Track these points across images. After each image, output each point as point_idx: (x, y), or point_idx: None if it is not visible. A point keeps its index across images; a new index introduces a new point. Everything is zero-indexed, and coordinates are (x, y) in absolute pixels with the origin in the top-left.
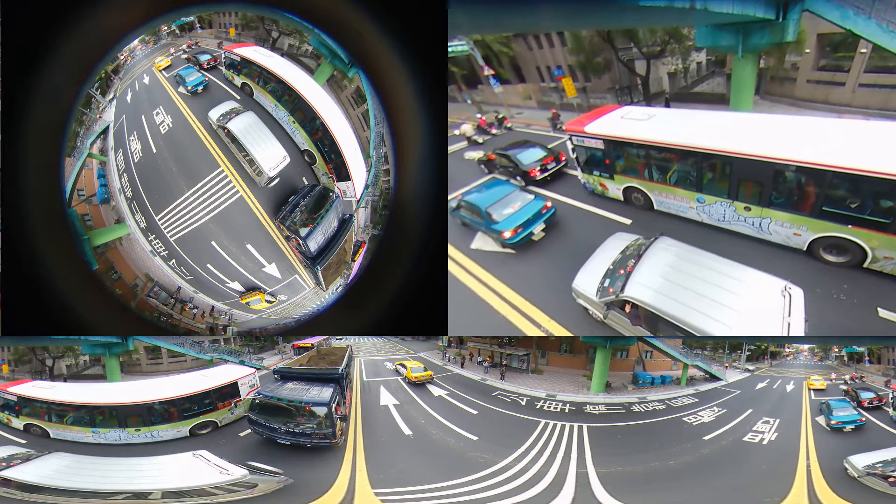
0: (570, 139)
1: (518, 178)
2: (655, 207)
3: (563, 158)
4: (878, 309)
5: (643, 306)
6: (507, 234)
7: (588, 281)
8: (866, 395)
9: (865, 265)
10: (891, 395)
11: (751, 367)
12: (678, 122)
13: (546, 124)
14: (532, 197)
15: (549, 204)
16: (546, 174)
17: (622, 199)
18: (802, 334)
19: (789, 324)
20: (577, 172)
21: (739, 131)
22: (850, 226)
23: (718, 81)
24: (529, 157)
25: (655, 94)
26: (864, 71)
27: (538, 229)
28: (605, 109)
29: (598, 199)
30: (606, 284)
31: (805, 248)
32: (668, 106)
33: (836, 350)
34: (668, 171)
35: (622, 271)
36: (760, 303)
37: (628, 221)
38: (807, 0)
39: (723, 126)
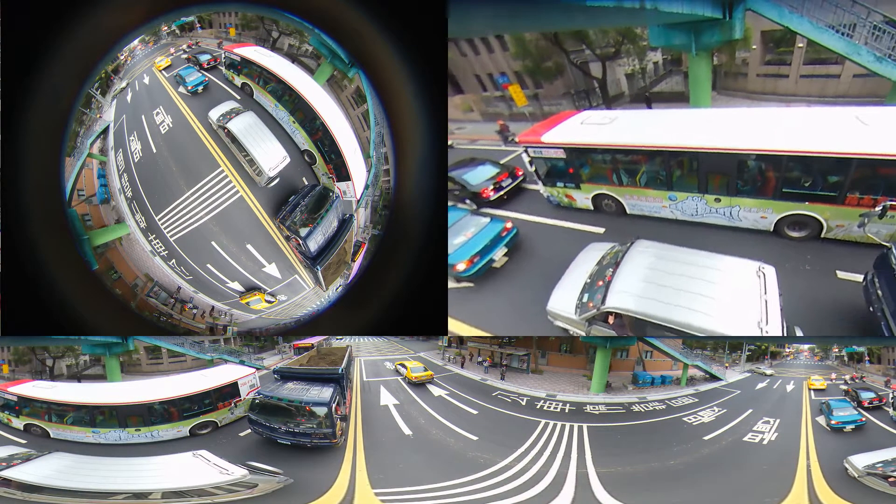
0: (527, 151)
1: (467, 201)
2: (628, 212)
3: (521, 173)
4: (837, 272)
5: (627, 314)
6: (461, 267)
7: (564, 300)
8: (866, 395)
9: (823, 235)
10: (891, 395)
11: (768, 372)
12: (641, 122)
13: (494, 137)
14: (487, 220)
15: (509, 225)
16: (502, 192)
17: (592, 207)
18: (779, 309)
19: (766, 301)
20: (539, 186)
21: (702, 127)
22: (806, 203)
23: (677, 80)
24: (479, 177)
25: (615, 96)
26: (803, 63)
27: (499, 255)
28: (562, 116)
29: (566, 211)
30: (585, 300)
31: (772, 229)
32: (649, 107)
33: (836, 350)
34: (637, 173)
35: (601, 283)
36: (738, 286)
37: (601, 230)
38: (749, 0)
39: (686, 123)
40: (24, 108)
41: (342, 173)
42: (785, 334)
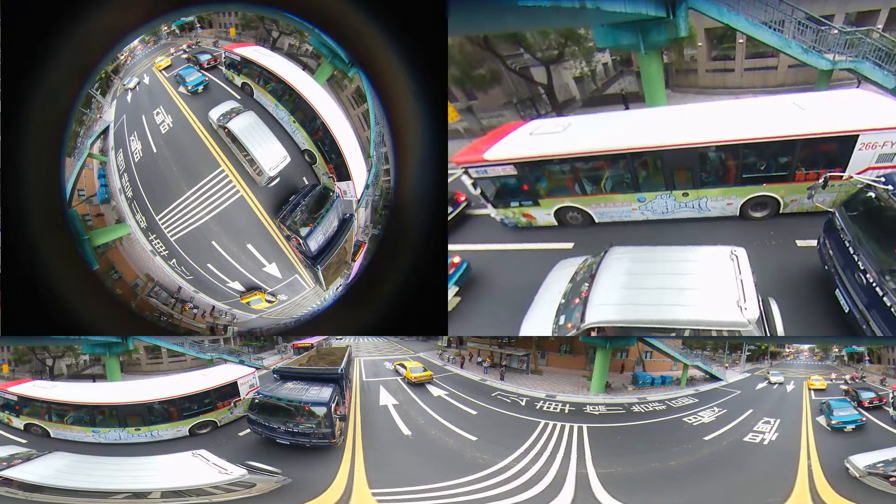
0: (467, 173)
1: None
2: (597, 221)
3: (462, 199)
4: (796, 241)
5: (610, 326)
6: None
7: (537, 326)
8: (867, 395)
9: (781, 211)
10: (891, 395)
11: (774, 378)
12: (597, 126)
13: None
14: None
15: (456, 260)
16: None
17: (556, 223)
18: (753, 286)
19: (742, 280)
20: (488, 210)
21: (660, 125)
22: (764, 184)
23: (629, 80)
24: None
25: (566, 101)
26: (746, 57)
27: (450, 296)
28: (505, 129)
29: (526, 232)
30: (563, 321)
31: (738, 213)
32: (627, 108)
33: (836, 350)
34: (600, 179)
35: (577, 300)
36: (714, 272)
37: (570, 245)
38: None
39: (644, 122)
40: (24, 108)
41: (342, 173)
42: (761, 310)
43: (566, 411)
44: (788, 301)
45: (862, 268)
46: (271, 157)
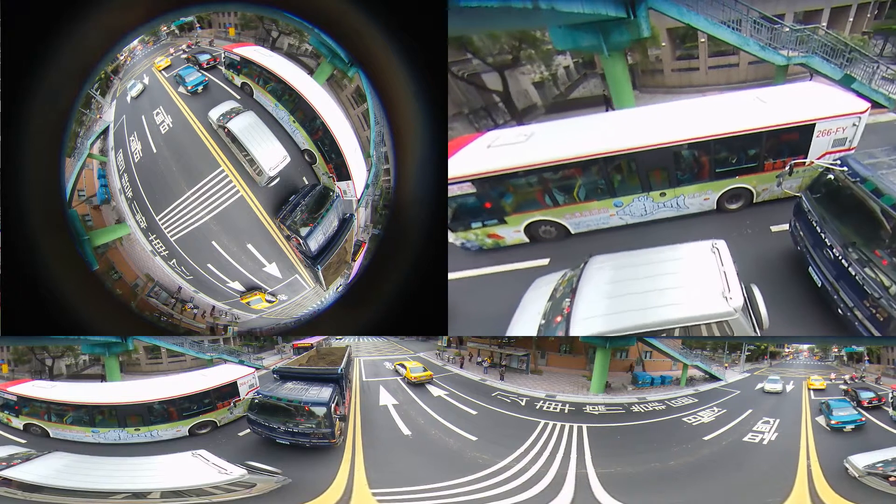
0: None
1: None
2: (573, 232)
3: None
4: (771, 227)
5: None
6: None
7: None
8: (866, 395)
9: (755, 201)
10: (890, 395)
11: (774, 388)
12: (564, 133)
13: None
14: None
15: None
16: None
17: (527, 239)
18: (736, 275)
19: (725, 272)
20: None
21: (632, 127)
22: (737, 177)
23: (595, 83)
24: None
25: (526, 109)
26: (709, 56)
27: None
28: (457, 143)
29: (493, 254)
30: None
31: (715, 207)
32: (608, 110)
33: (836, 350)
34: (573, 188)
35: (559, 318)
36: (697, 268)
37: (545, 261)
38: None
39: (614, 125)
40: (24, 108)
41: (342, 173)
42: (745, 297)
43: (566, 411)
44: (769, 284)
45: (829, 244)
46: (271, 157)
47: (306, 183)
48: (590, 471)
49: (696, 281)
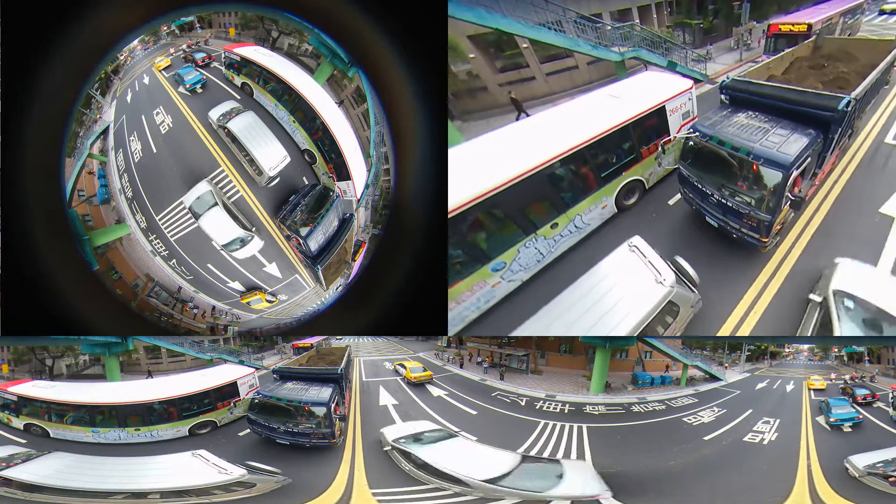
0: None
1: None
2: (450, 335)
3: None
4: (668, 202)
5: None
6: None
7: None
8: (860, 392)
9: (647, 187)
10: (890, 395)
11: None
12: None
13: None
14: None
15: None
16: None
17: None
18: (660, 259)
19: (650, 262)
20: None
21: (476, 167)
22: (623, 173)
23: None
24: None
25: None
26: (541, 62)
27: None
28: None
29: None
30: None
31: (616, 210)
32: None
33: (836, 350)
34: None
35: None
36: (627, 273)
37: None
38: None
39: (454, 173)
40: (24, 108)
41: (342, 173)
42: (674, 270)
43: (566, 411)
44: (688, 249)
45: (710, 193)
46: (271, 157)
47: (306, 183)
48: None
49: (630, 286)
